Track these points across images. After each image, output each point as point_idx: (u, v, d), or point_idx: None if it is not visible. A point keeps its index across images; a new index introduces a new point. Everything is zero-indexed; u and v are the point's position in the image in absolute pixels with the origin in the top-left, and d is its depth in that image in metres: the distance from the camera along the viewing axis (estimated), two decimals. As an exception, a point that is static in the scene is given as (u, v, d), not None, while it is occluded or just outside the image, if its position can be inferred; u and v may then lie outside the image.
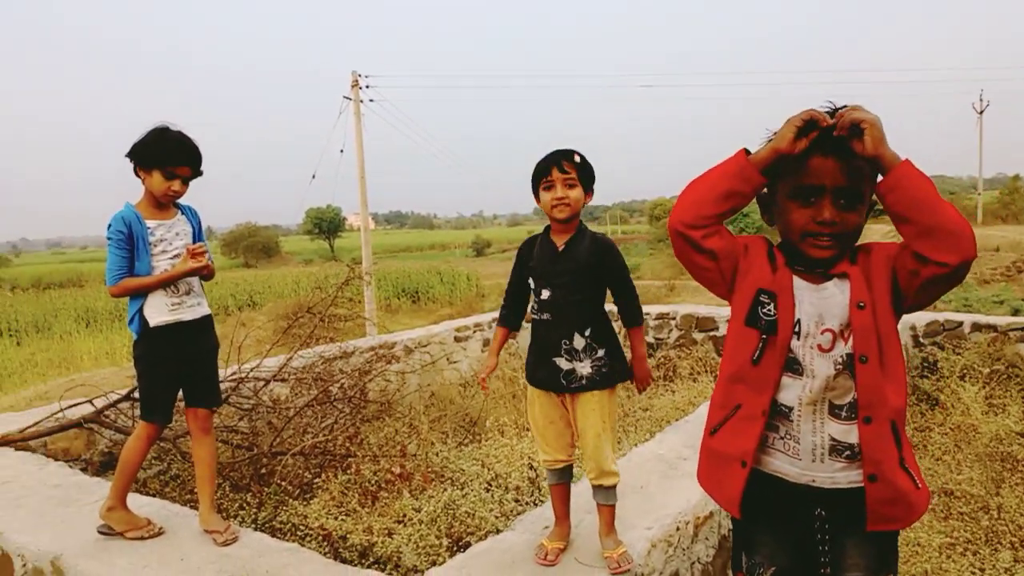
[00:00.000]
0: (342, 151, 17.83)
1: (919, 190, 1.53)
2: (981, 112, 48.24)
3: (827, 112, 1.64)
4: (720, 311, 8.46)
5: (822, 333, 1.66)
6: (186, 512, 3.18)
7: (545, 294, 2.57)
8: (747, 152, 1.68)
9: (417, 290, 28.02)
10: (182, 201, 3.01)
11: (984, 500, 4.19)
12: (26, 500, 3.32)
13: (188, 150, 2.86)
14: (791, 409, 1.69)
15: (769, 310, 1.69)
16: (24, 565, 2.88)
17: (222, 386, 4.97)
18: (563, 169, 2.49)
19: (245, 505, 3.97)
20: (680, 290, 20.85)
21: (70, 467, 3.89)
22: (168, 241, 2.92)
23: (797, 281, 1.71)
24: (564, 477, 2.70)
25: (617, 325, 2.73)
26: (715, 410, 1.83)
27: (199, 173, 2.94)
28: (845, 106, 1.63)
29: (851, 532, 1.72)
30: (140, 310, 2.86)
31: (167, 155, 2.81)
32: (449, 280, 28.95)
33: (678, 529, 2.83)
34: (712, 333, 8.39)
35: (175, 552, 2.75)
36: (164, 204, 2.92)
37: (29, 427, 4.40)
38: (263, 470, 4.35)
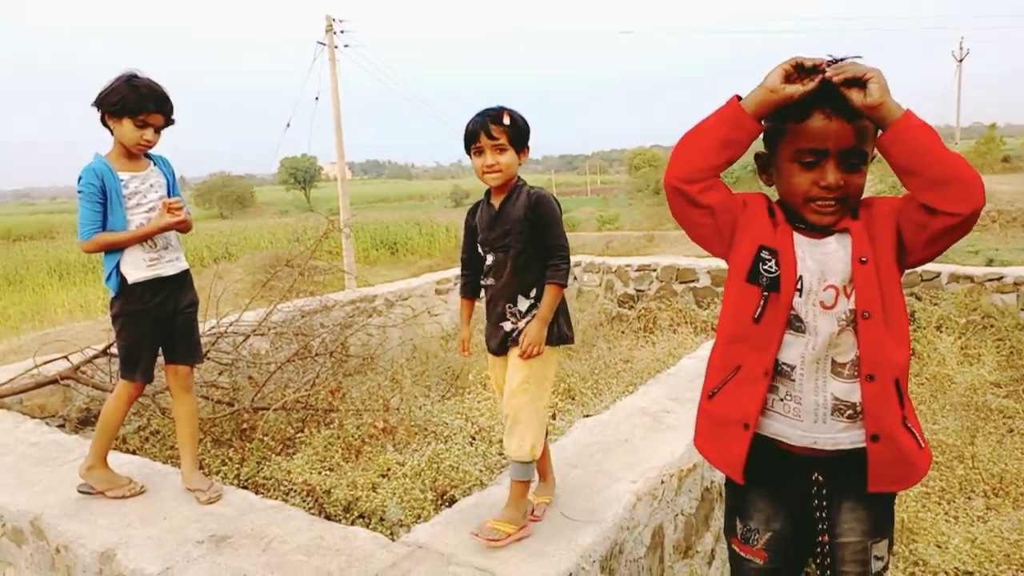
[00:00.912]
0: (317, 98, 17.42)
1: (924, 140, 1.49)
2: (961, 60, 48.19)
3: (828, 63, 1.58)
4: (700, 263, 8.48)
5: (824, 289, 1.63)
6: (168, 470, 3.14)
7: (489, 259, 2.49)
8: (739, 98, 1.62)
9: (396, 242, 27.84)
10: (153, 151, 2.89)
11: (959, 449, 4.27)
12: (2, 459, 3.27)
13: (159, 97, 2.73)
14: (793, 368, 1.66)
15: (770, 267, 1.65)
16: (3, 525, 2.84)
17: (201, 340, 4.93)
18: (491, 135, 2.36)
19: (227, 461, 3.95)
20: (659, 241, 20.88)
21: (47, 425, 3.83)
22: (143, 194, 2.80)
23: (798, 237, 1.67)
24: None
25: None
26: (713, 372, 1.79)
27: (171, 122, 2.82)
28: (844, 58, 1.57)
29: (848, 495, 1.71)
30: (117, 266, 2.77)
31: (137, 103, 2.68)
32: (428, 231, 28.79)
33: (663, 482, 2.85)
34: (692, 284, 8.42)
35: (158, 511, 2.72)
36: (135, 155, 2.80)
37: (3, 384, 4.32)
38: (245, 426, 4.32)
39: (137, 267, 2.77)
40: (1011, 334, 6.16)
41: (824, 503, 1.72)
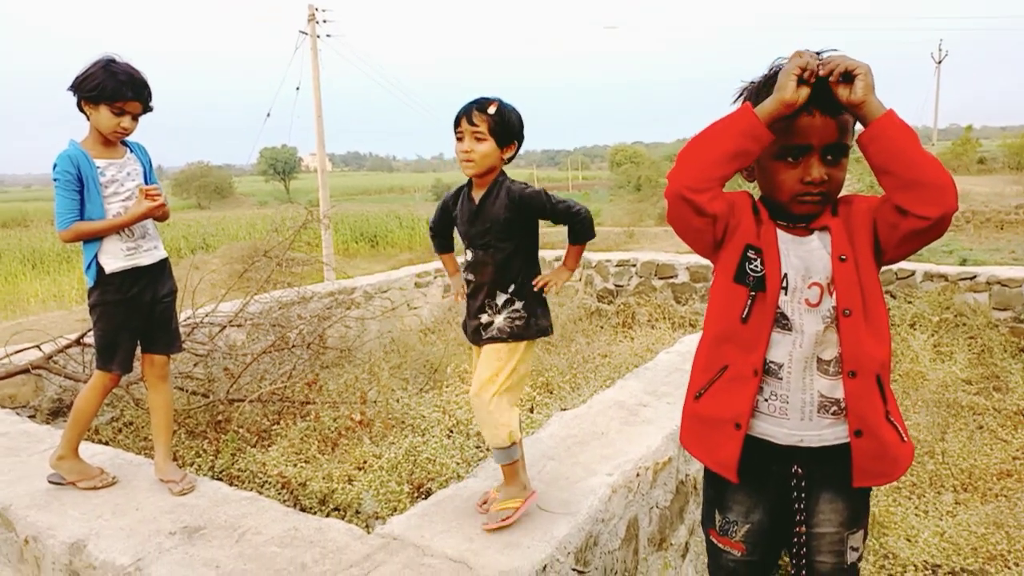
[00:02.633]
0: (298, 89, 17.30)
1: (902, 141, 1.50)
2: (939, 62, 48.77)
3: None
4: (679, 258, 8.53)
5: (809, 287, 1.64)
6: (140, 460, 3.11)
7: (469, 255, 2.49)
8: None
9: (376, 234, 27.67)
10: (130, 138, 2.84)
11: (930, 445, 4.34)
12: (-29, 449, 3.21)
13: (137, 84, 2.68)
14: (781, 367, 1.67)
15: (756, 266, 1.66)
16: (-29, 516, 2.80)
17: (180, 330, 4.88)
18: (472, 121, 2.33)
19: (202, 453, 3.92)
20: (639, 237, 20.97)
21: (17, 415, 3.77)
22: (120, 182, 2.75)
23: (781, 235, 1.68)
24: None
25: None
26: (698, 374, 1.79)
27: (149, 109, 2.77)
28: (821, 52, 1.58)
29: (826, 487, 1.72)
30: (96, 256, 2.73)
31: (115, 90, 2.62)
32: (408, 224, 28.64)
33: (638, 475, 2.87)
34: (671, 280, 8.47)
35: (130, 502, 2.69)
36: (112, 142, 2.75)
37: (-28, 374, 4.24)
38: (220, 417, 4.29)
39: (115, 257, 2.73)
40: (982, 332, 6.27)
41: (803, 495, 1.73)
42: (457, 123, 2.38)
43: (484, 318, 2.46)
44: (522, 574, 2.16)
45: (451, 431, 4.17)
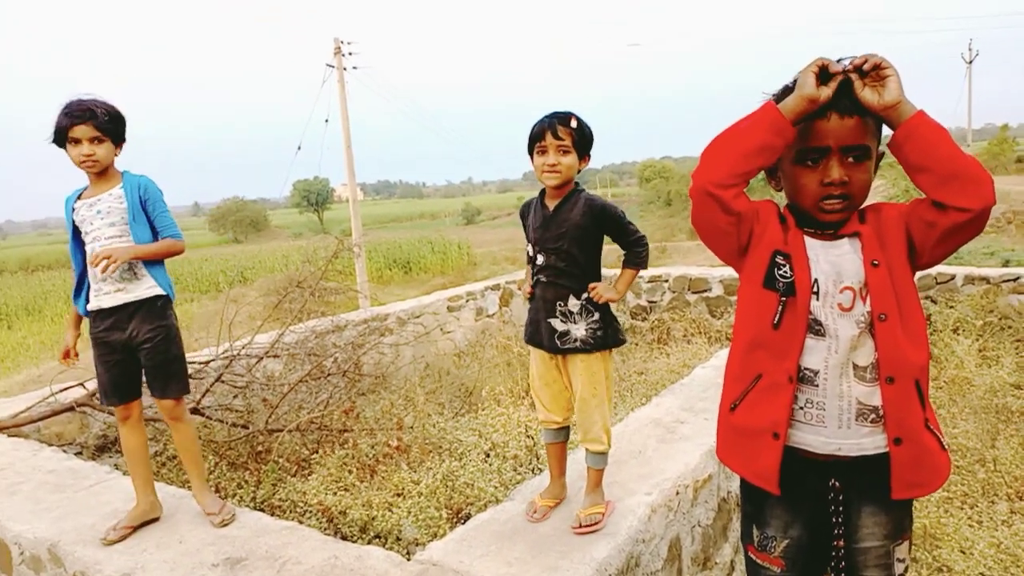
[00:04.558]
0: (327, 121, 17.60)
1: (936, 137, 1.51)
2: (970, 62, 47.97)
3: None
4: (712, 272, 8.44)
5: (841, 292, 1.62)
6: (183, 493, 3.15)
7: (540, 259, 2.56)
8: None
9: (408, 260, 27.93)
10: (135, 171, 2.84)
11: (980, 453, 4.21)
12: (21, 487, 3.29)
13: (77, 108, 2.66)
14: (816, 373, 1.64)
15: (785, 271, 1.65)
16: (22, 553, 2.85)
17: (215, 364, 4.96)
18: (557, 135, 2.44)
19: (243, 484, 3.96)
20: (672, 252, 20.85)
21: (64, 452, 3.85)
22: (88, 221, 2.73)
23: (809, 241, 1.67)
24: (559, 437, 2.72)
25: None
26: (732, 384, 1.77)
27: (111, 128, 2.70)
28: (841, 59, 1.58)
29: (867, 500, 1.69)
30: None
31: (61, 125, 2.65)
32: (440, 249, 28.86)
33: (677, 493, 2.83)
34: (705, 294, 8.39)
35: (173, 535, 2.73)
36: (103, 176, 2.75)
37: (21, 412, 4.36)
38: (260, 448, 4.34)
39: (91, 297, 2.79)
40: (1030, 335, 6.08)
41: (841, 508, 1.70)
42: (540, 137, 2.47)
43: (559, 325, 2.53)
44: (563, 597, 2.13)
45: (488, 455, 4.16)
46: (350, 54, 17.61)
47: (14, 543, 2.88)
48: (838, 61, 1.58)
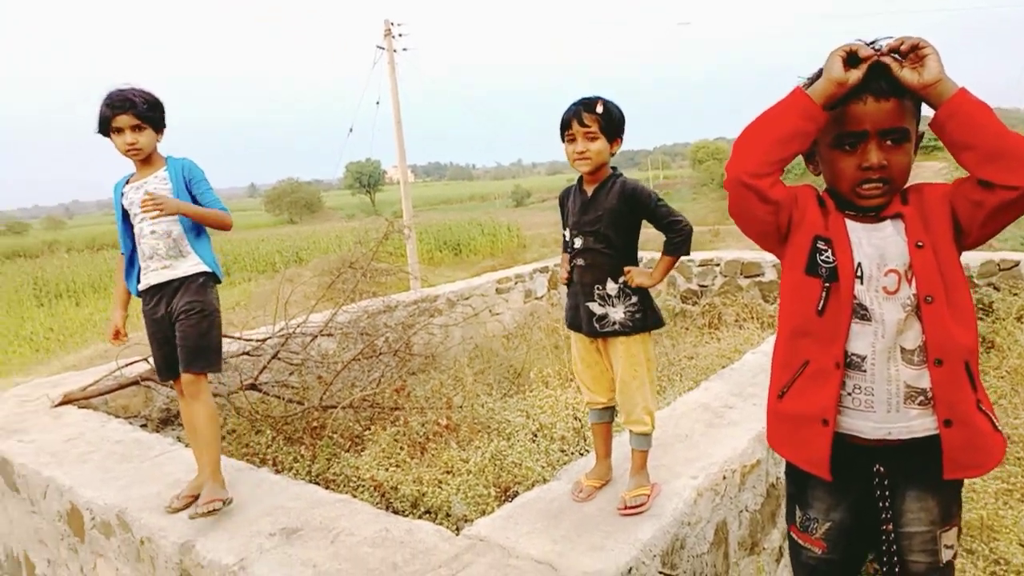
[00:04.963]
0: (378, 103, 17.78)
1: (980, 115, 1.49)
2: (1044, 38, 45.75)
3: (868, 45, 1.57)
4: (765, 256, 8.30)
5: (886, 275, 1.61)
6: (242, 466, 3.28)
7: (578, 242, 2.58)
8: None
9: (459, 242, 28.11)
10: (179, 155, 2.93)
11: (1042, 444, 4.09)
12: (91, 456, 3.46)
13: (117, 98, 2.74)
14: (864, 358, 1.63)
15: (827, 256, 1.64)
16: (93, 518, 3.01)
17: (271, 341, 5.11)
18: (583, 122, 2.45)
19: (299, 458, 4.09)
20: (724, 235, 20.54)
21: (130, 424, 4.03)
22: (136, 204, 2.80)
23: (851, 224, 1.66)
24: (604, 417, 2.75)
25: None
26: (779, 371, 1.77)
27: (151, 116, 2.79)
28: (875, 41, 1.57)
29: (913, 484, 1.68)
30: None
31: (104, 115, 2.75)
32: (490, 231, 28.96)
33: (724, 478, 2.83)
34: (758, 279, 8.27)
35: (234, 504, 2.84)
36: (147, 162, 2.85)
37: (90, 385, 4.56)
38: (315, 423, 4.46)
39: (141, 279, 2.90)
40: (1099, 323, 5.85)
41: (887, 492, 1.69)
42: (567, 125, 2.49)
43: (597, 308, 2.55)
44: (607, 576, 2.17)
45: (535, 435, 4.21)
46: (400, 35, 17.69)
47: (86, 508, 3.04)
48: (872, 43, 1.56)
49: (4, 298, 21.15)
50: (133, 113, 2.75)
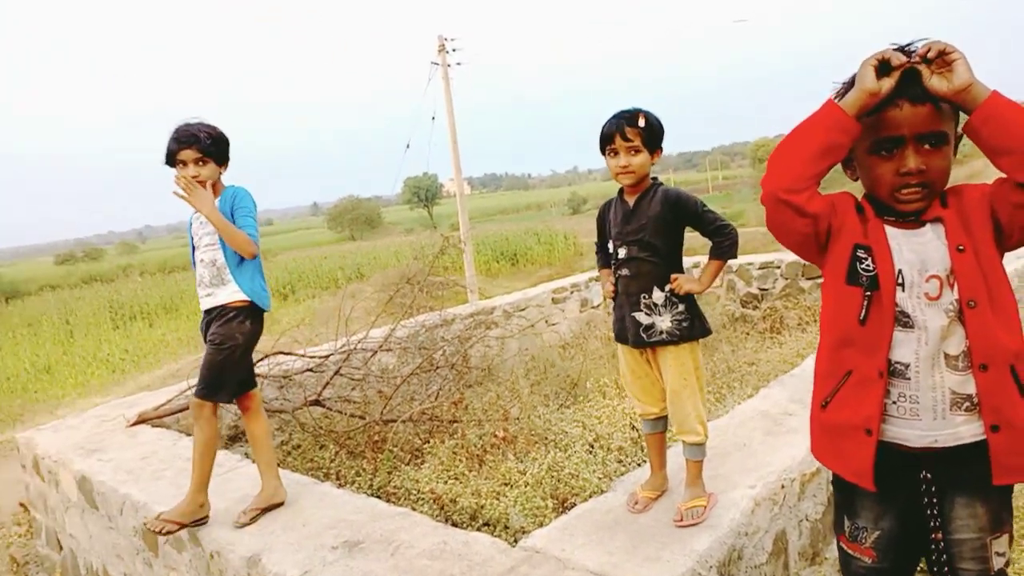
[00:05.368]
0: (433, 118, 17.97)
1: (1016, 117, 1.45)
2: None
3: (898, 50, 1.55)
4: (828, 257, 8.11)
5: (927, 281, 1.58)
6: (306, 480, 3.38)
7: (622, 252, 2.60)
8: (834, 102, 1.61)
9: (516, 252, 28.22)
10: (235, 184, 3.07)
11: None
12: (164, 473, 3.62)
13: (180, 135, 2.90)
14: (908, 366, 1.61)
15: (868, 264, 1.62)
16: (167, 532, 3.14)
17: (334, 358, 5.25)
18: (626, 137, 2.47)
19: (361, 472, 4.18)
20: (786, 236, 20.01)
21: (201, 441, 4.18)
22: (195, 231, 3.05)
23: (891, 230, 1.63)
24: (658, 427, 2.75)
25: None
26: (822, 381, 1.75)
27: (212, 150, 2.93)
28: (910, 44, 1.55)
29: (961, 491, 1.64)
30: None
31: (171, 149, 2.91)
32: (547, 240, 28.99)
33: (783, 487, 2.79)
34: (820, 280, 8.07)
35: (297, 518, 2.94)
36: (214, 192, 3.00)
37: (163, 405, 4.77)
38: (376, 437, 4.55)
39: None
40: None
41: (935, 500, 1.66)
42: (609, 140, 2.52)
43: (644, 318, 2.56)
44: (662, 587, 2.17)
45: (592, 446, 4.21)
46: (453, 50, 17.93)
47: (160, 523, 3.17)
48: (906, 47, 1.55)
49: (83, 321, 22.17)
50: (197, 148, 2.91)
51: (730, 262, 2.66)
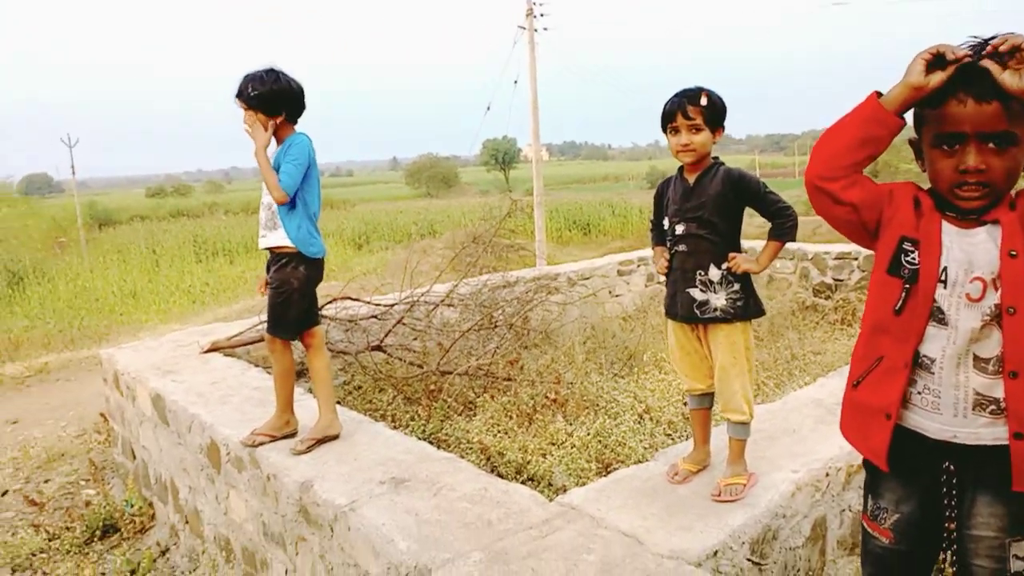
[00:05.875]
0: (516, 82, 17.92)
1: None
2: None
3: (972, 47, 1.50)
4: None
5: (971, 282, 1.56)
6: (362, 419, 3.53)
7: (680, 228, 2.60)
8: (879, 94, 1.59)
9: (588, 222, 28.11)
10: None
11: None
12: (231, 399, 3.83)
13: (241, 83, 3.03)
14: (933, 361, 1.61)
15: (912, 258, 1.61)
16: (228, 454, 3.35)
17: (398, 307, 5.41)
18: (688, 115, 2.47)
19: (416, 417, 4.34)
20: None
21: (267, 373, 4.39)
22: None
23: (947, 227, 1.60)
24: (704, 403, 2.77)
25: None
26: (857, 362, 1.78)
27: (255, 103, 3.00)
28: (994, 37, 1.48)
29: (985, 489, 1.63)
30: None
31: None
32: (621, 212, 28.77)
33: (827, 475, 2.77)
34: (898, 276, 7.81)
35: (350, 452, 3.08)
36: (277, 138, 3.09)
37: (235, 336, 5.01)
38: (432, 387, 4.70)
39: None
40: None
41: (954, 492, 1.66)
42: (671, 118, 2.52)
43: (698, 294, 2.57)
44: (691, 555, 2.21)
45: (641, 416, 4.24)
46: (541, 15, 17.77)
47: (223, 444, 3.38)
48: (987, 41, 1.48)
49: (168, 252, 23.23)
50: (242, 99, 3.04)
51: (805, 250, 2.65)
